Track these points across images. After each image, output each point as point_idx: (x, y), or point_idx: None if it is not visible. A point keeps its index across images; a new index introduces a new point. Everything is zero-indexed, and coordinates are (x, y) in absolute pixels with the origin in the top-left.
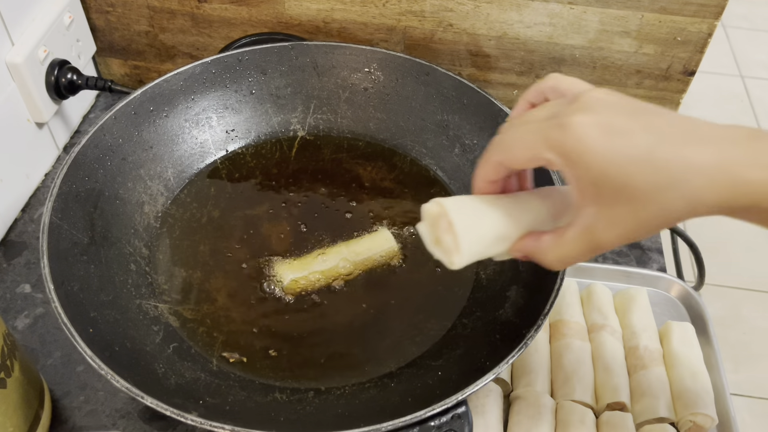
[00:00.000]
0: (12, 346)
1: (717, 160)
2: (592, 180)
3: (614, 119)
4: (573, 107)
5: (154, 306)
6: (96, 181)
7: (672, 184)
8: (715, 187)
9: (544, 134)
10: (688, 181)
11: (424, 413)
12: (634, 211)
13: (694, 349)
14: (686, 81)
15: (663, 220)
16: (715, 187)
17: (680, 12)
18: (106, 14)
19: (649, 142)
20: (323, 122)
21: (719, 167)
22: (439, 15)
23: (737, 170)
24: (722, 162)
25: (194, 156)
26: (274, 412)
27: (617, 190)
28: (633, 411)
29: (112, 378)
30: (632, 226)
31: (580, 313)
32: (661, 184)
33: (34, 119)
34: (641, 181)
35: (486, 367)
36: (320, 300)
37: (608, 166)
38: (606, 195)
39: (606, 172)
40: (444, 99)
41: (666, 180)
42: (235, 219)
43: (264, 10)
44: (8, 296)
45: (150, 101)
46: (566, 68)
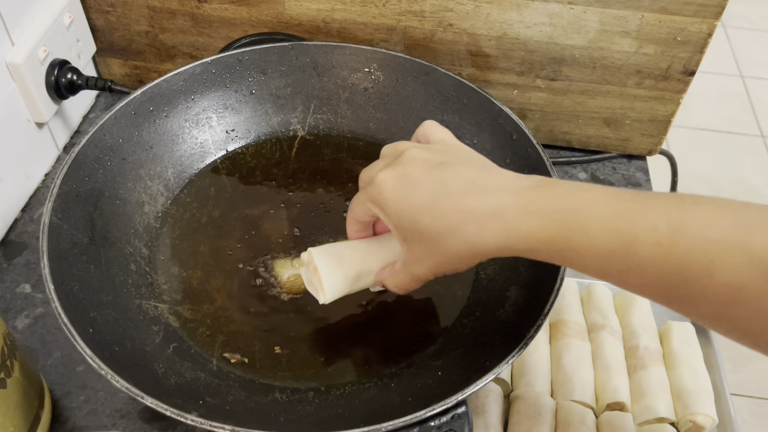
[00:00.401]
0: (12, 346)
1: (489, 209)
2: (395, 225)
3: (412, 173)
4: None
5: (154, 306)
6: (96, 181)
7: (450, 230)
8: (487, 233)
9: (366, 190)
10: (463, 228)
11: (424, 413)
12: (429, 251)
13: (694, 349)
14: (686, 81)
15: (456, 260)
16: (487, 234)
17: (680, 12)
18: (106, 14)
19: (434, 194)
20: (323, 122)
21: (491, 216)
22: (439, 15)
23: (508, 219)
24: (494, 211)
25: (194, 156)
26: (274, 412)
27: (413, 234)
28: (633, 411)
29: (112, 378)
30: (433, 263)
31: (580, 313)
32: (441, 230)
33: (34, 119)
34: (426, 227)
35: (486, 367)
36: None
37: (401, 214)
38: (407, 237)
39: (401, 218)
40: (444, 99)
41: (444, 227)
42: (235, 219)
43: (264, 10)
44: (8, 296)
45: (150, 101)
46: (566, 68)
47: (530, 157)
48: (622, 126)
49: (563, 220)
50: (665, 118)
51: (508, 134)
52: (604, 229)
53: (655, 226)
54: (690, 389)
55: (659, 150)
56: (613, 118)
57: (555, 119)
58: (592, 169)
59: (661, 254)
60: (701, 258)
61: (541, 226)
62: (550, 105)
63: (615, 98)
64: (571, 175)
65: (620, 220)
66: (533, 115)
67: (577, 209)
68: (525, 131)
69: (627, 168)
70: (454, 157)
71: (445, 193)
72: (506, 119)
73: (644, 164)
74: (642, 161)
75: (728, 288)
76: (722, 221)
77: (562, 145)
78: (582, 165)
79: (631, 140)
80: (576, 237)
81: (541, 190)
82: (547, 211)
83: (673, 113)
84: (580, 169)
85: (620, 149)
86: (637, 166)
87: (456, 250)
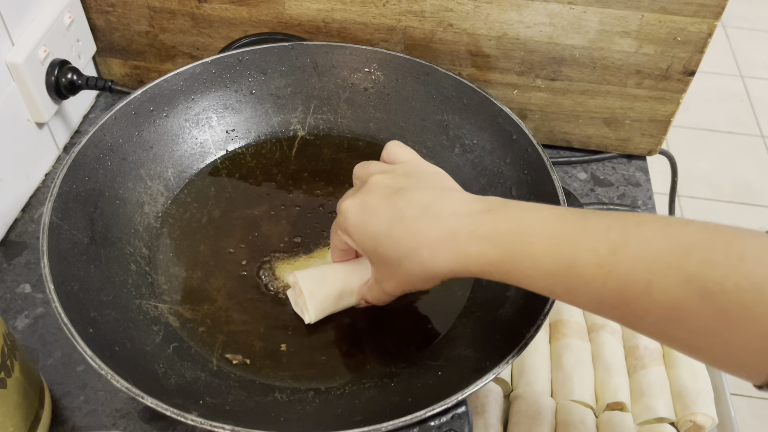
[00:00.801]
0: (12, 346)
1: (441, 234)
2: (360, 248)
3: (371, 201)
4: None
5: (154, 306)
6: (96, 181)
7: (406, 255)
8: (440, 257)
9: (337, 220)
10: (417, 252)
11: (424, 413)
12: (392, 272)
13: None
14: (686, 81)
15: (416, 280)
16: (440, 257)
17: (680, 12)
18: (106, 14)
19: (389, 221)
20: (323, 122)
21: (442, 240)
22: (439, 15)
23: (458, 243)
24: (445, 236)
25: (194, 156)
26: (274, 412)
27: (375, 257)
28: (633, 411)
29: (112, 378)
30: (397, 282)
31: (580, 313)
32: (398, 255)
33: (34, 119)
34: (385, 251)
35: (486, 367)
36: None
37: (364, 239)
38: (372, 260)
39: (363, 242)
40: (444, 99)
41: (401, 251)
42: (236, 219)
43: (264, 10)
44: (8, 296)
45: (150, 101)
46: (566, 68)
47: (530, 157)
48: (622, 126)
49: (509, 242)
50: (665, 118)
51: (508, 134)
52: (548, 251)
53: (596, 248)
54: (690, 389)
55: (659, 150)
56: (613, 118)
57: (555, 119)
58: (592, 169)
59: (602, 275)
60: (640, 278)
61: (489, 249)
62: (550, 105)
63: (615, 98)
64: (571, 175)
65: (563, 243)
66: (533, 115)
67: (521, 232)
68: (525, 131)
69: (627, 168)
70: (414, 181)
71: (399, 220)
72: (506, 119)
73: (644, 164)
74: (642, 161)
75: (667, 307)
76: (660, 241)
77: (562, 145)
78: (582, 165)
79: (631, 140)
80: (522, 259)
81: (489, 214)
82: (494, 235)
83: (673, 113)
84: (580, 169)
85: (620, 149)
86: (637, 166)
87: (414, 272)
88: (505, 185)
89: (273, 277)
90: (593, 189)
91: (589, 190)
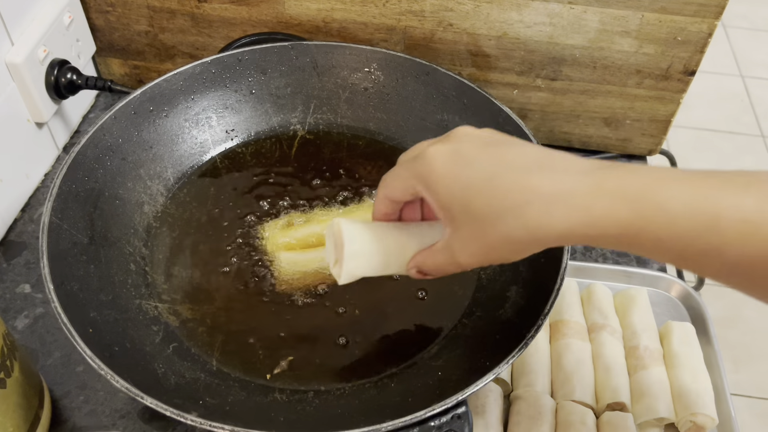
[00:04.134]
0: (12, 346)
1: (557, 189)
2: (443, 203)
3: (465, 149)
4: (440, 139)
5: (153, 306)
6: (96, 181)
7: (509, 211)
8: (554, 216)
9: (410, 166)
10: (525, 208)
11: (424, 413)
12: (479, 234)
13: (694, 349)
14: (686, 81)
15: (509, 247)
16: (554, 217)
17: (680, 12)
18: (105, 14)
19: (491, 170)
20: (323, 122)
21: (559, 197)
22: (439, 15)
23: (579, 200)
24: (562, 191)
25: (194, 156)
26: (274, 412)
27: (462, 214)
28: (633, 411)
29: (112, 378)
30: (481, 249)
31: (580, 313)
32: (498, 211)
33: (34, 119)
34: (480, 206)
35: (486, 367)
36: (320, 300)
37: (452, 190)
38: (455, 218)
39: (451, 196)
40: (444, 99)
41: (503, 207)
42: (235, 218)
43: (264, 10)
44: (8, 296)
45: (150, 101)
46: (566, 68)
47: None
48: (622, 126)
49: (641, 199)
50: (665, 118)
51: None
52: (686, 206)
53: (740, 203)
54: (690, 389)
55: (659, 150)
56: (613, 118)
57: (555, 119)
58: None
59: (748, 233)
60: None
61: (616, 206)
62: (550, 105)
63: (615, 98)
64: None
65: (702, 197)
66: (533, 115)
67: (654, 188)
68: (525, 131)
69: None
70: (511, 139)
71: (506, 170)
72: (506, 119)
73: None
74: (642, 161)
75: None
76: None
77: (562, 145)
78: None
79: (631, 140)
80: (656, 218)
81: (611, 169)
82: (622, 191)
83: (673, 113)
84: None
85: (620, 149)
86: None
87: (513, 235)
88: None
89: (273, 276)
90: None
91: None
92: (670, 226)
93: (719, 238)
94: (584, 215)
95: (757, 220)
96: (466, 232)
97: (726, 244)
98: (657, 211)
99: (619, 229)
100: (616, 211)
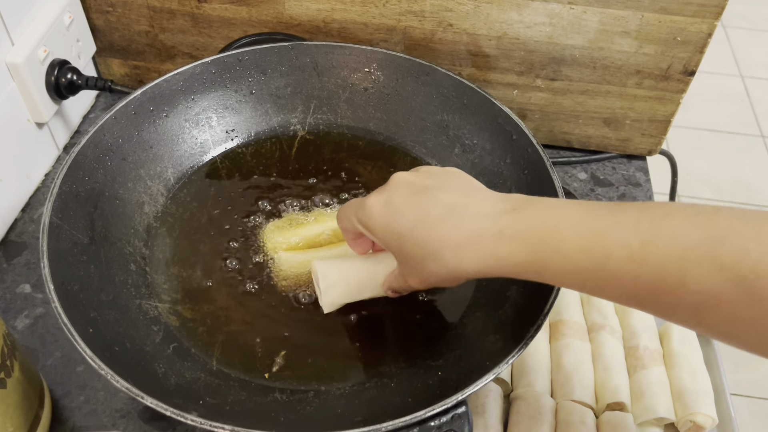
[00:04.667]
0: (12, 346)
1: (466, 237)
2: (383, 244)
3: (395, 199)
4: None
5: (154, 306)
6: (96, 181)
7: (429, 256)
8: (465, 259)
9: (354, 211)
10: (441, 254)
11: (424, 413)
12: (415, 270)
13: (694, 349)
14: (686, 81)
15: (440, 280)
16: (465, 260)
17: (680, 12)
18: (106, 14)
19: (414, 221)
20: (323, 122)
21: (468, 243)
22: (439, 15)
23: (484, 245)
24: (470, 238)
25: (194, 156)
26: (274, 412)
27: (399, 255)
28: (633, 411)
29: (112, 378)
30: (422, 278)
31: (580, 313)
32: (421, 255)
33: (34, 119)
34: (408, 250)
35: (486, 367)
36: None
37: (387, 236)
38: (396, 256)
39: (387, 240)
40: (444, 99)
41: (423, 252)
42: (235, 218)
43: (264, 10)
44: (8, 296)
45: (150, 101)
46: (566, 68)
47: (530, 157)
48: (622, 126)
49: (538, 242)
50: (665, 118)
51: (508, 134)
52: (578, 248)
53: (627, 242)
54: (690, 389)
55: (659, 150)
56: (613, 118)
57: (555, 119)
58: (592, 169)
59: (634, 269)
60: (673, 270)
61: (517, 249)
62: (550, 105)
63: (615, 98)
64: (571, 175)
65: (593, 239)
66: (533, 115)
67: (550, 231)
68: (525, 131)
69: (627, 168)
70: (437, 180)
71: (423, 221)
72: (506, 119)
73: (644, 164)
74: (642, 161)
75: (702, 296)
76: (691, 232)
77: (562, 145)
78: (582, 165)
79: (631, 140)
80: (552, 258)
81: (515, 213)
82: (522, 236)
83: (673, 113)
84: (580, 169)
85: (620, 149)
86: (637, 166)
87: (438, 273)
88: (505, 185)
89: (273, 276)
90: (593, 189)
91: (589, 190)
92: (565, 266)
93: (610, 275)
94: (490, 257)
95: (641, 258)
96: (406, 267)
97: (618, 280)
98: (553, 254)
99: (521, 267)
100: (518, 254)
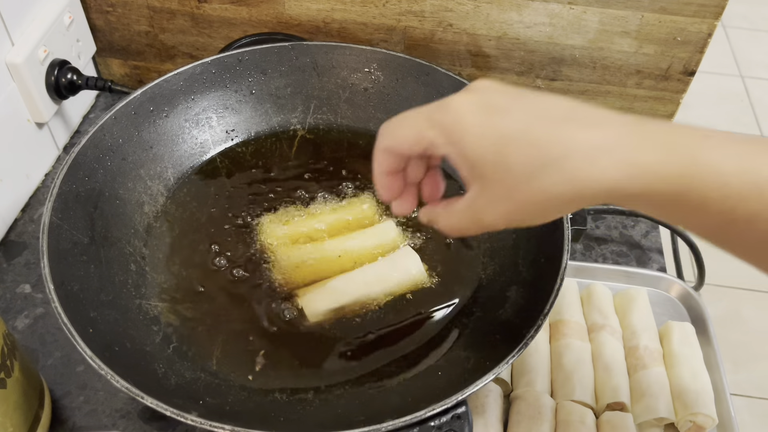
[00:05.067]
0: (12, 346)
1: (600, 140)
2: (471, 158)
3: (494, 99)
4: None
5: (154, 306)
6: (96, 181)
7: (550, 163)
8: (598, 168)
9: (427, 114)
10: (567, 160)
11: (424, 413)
12: (512, 191)
13: (694, 349)
14: (686, 81)
15: (545, 204)
16: (599, 169)
17: (680, 12)
18: (106, 14)
19: (527, 120)
20: (323, 122)
21: (602, 147)
22: (439, 15)
23: (624, 151)
24: (606, 142)
25: (194, 156)
26: (274, 412)
27: (495, 169)
28: (633, 411)
29: (112, 378)
30: (511, 207)
31: (580, 313)
32: (537, 162)
33: (34, 119)
34: (516, 158)
35: (486, 367)
36: None
37: (484, 143)
38: (485, 173)
39: (482, 149)
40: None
41: (543, 158)
42: (235, 218)
43: (264, 10)
44: (8, 296)
45: (150, 101)
46: (566, 68)
47: None
48: None
49: (691, 154)
50: (665, 118)
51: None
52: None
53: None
54: (690, 389)
55: None
56: None
57: None
58: None
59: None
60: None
61: (666, 161)
62: None
63: (615, 98)
64: None
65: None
66: None
67: (704, 145)
68: None
69: None
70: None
71: (543, 119)
72: None
73: None
74: None
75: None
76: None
77: None
78: None
79: None
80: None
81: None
82: (671, 145)
83: (673, 113)
84: None
85: None
86: None
87: (553, 191)
88: None
89: (273, 275)
90: None
91: None
92: (719, 186)
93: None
94: (630, 168)
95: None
96: (497, 190)
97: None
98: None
99: (665, 185)
100: (664, 166)
